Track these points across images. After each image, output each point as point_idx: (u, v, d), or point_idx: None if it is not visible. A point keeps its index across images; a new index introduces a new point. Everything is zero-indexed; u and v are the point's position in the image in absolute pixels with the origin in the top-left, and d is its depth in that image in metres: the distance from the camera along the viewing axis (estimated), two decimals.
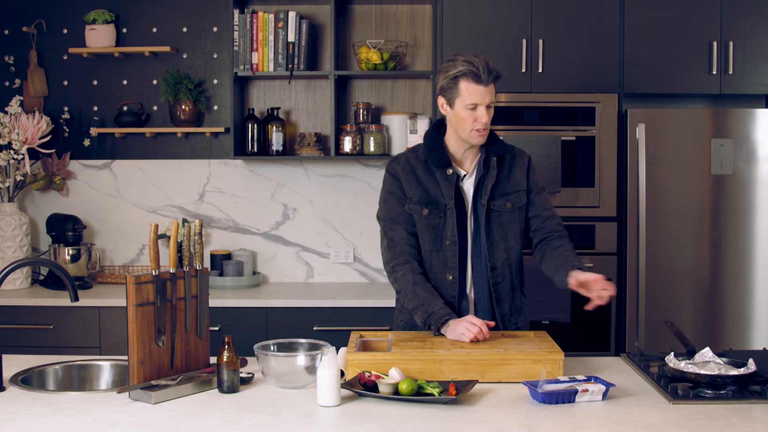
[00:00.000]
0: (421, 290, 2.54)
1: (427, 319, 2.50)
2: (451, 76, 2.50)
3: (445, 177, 2.58)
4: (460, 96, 2.49)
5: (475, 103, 2.48)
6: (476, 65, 2.46)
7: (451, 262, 2.59)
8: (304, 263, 4.23)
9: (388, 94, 4.21)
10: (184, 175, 4.22)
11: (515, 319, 2.66)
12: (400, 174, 2.63)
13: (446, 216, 2.58)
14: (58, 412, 2.05)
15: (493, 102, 2.51)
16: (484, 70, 2.46)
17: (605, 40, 3.72)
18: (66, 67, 4.20)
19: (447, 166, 2.58)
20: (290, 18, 3.96)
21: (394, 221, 2.63)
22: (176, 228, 2.28)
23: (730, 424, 1.93)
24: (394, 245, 2.62)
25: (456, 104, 2.51)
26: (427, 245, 2.61)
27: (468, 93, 2.48)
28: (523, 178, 2.64)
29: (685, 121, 3.68)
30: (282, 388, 2.25)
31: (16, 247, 3.96)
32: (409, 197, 2.61)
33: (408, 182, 2.61)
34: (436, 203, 2.59)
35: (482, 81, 2.46)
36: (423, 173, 2.61)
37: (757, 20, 3.73)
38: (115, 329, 3.65)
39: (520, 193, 2.63)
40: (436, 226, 2.59)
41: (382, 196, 2.69)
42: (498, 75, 2.49)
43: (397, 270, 2.60)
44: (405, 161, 2.65)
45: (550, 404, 2.08)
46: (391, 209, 2.64)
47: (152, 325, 2.22)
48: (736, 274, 3.67)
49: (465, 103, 2.49)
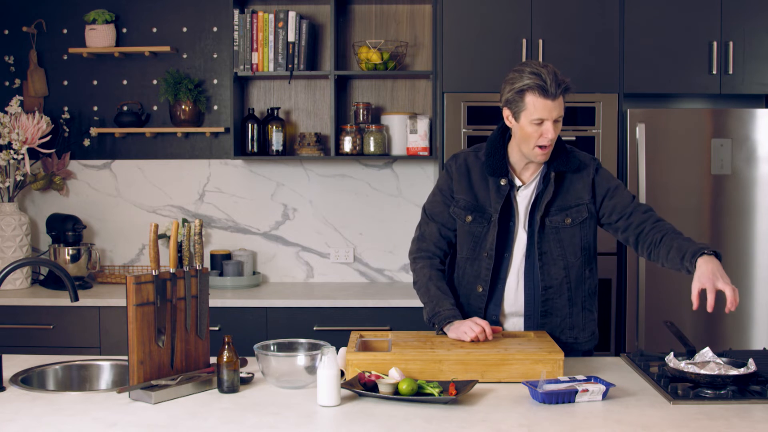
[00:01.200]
0: (434, 287, 2.52)
1: (432, 317, 2.50)
2: (517, 89, 2.37)
3: (497, 187, 2.49)
4: (526, 110, 2.36)
5: (541, 119, 2.35)
6: (544, 78, 2.32)
7: (484, 275, 2.54)
8: (304, 263, 4.23)
9: (388, 94, 4.21)
10: (184, 175, 4.22)
11: (574, 333, 2.55)
12: (453, 173, 2.57)
13: (489, 227, 2.51)
14: (58, 412, 2.05)
15: (561, 116, 2.38)
16: (552, 83, 2.32)
17: (605, 40, 3.72)
18: (66, 67, 4.20)
19: (502, 176, 2.48)
20: (290, 18, 3.96)
21: (432, 218, 2.61)
22: (176, 228, 2.28)
23: (730, 424, 1.93)
24: (423, 240, 2.62)
25: (521, 118, 2.38)
26: (464, 252, 2.57)
27: (534, 108, 2.35)
28: (586, 189, 2.51)
29: (685, 121, 3.68)
30: (282, 388, 2.25)
31: (16, 247, 3.96)
32: (456, 200, 2.56)
33: (459, 184, 2.55)
34: (482, 212, 2.52)
35: (550, 95, 2.33)
36: (478, 177, 2.53)
37: (757, 20, 3.73)
38: (115, 329, 3.65)
39: (580, 207, 2.50)
40: (478, 235, 2.53)
41: (433, 189, 2.65)
42: (567, 87, 2.36)
43: (417, 262, 2.60)
44: (463, 161, 2.57)
45: (550, 404, 2.08)
46: (435, 205, 2.61)
47: (152, 325, 2.22)
48: (736, 275, 3.67)
49: (531, 118, 2.36)
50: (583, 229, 2.53)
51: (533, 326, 2.57)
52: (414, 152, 3.98)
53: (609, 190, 2.52)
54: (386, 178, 4.20)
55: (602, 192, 2.52)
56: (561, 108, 2.38)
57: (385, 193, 4.19)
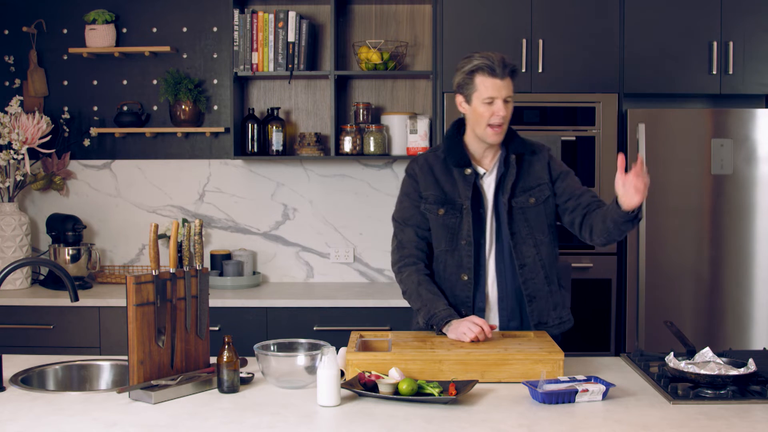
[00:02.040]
0: (425, 291, 2.54)
1: (429, 319, 2.50)
2: (467, 71, 2.51)
3: (463, 177, 2.58)
4: (477, 91, 2.50)
5: (491, 97, 2.48)
6: (491, 59, 2.48)
7: (467, 262, 2.58)
8: (304, 263, 4.23)
9: (388, 94, 4.21)
10: (184, 175, 4.22)
11: (558, 313, 2.63)
12: (417, 174, 2.64)
13: (462, 216, 2.58)
14: (58, 412, 2.05)
15: (510, 97, 2.51)
16: (500, 63, 2.48)
17: (605, 40, 3.72)
18: (66, 67, 4.20)
19: (466, 165, 2.58)
20: (290, 18, 3.96)
21: (405, 223, 2.64)
22: (176, 228, 2.28)
23: (730, 424, 1.93)
24: (403, 247, 2.64)
25: (473, 100, 2.52)
26: (442, 245, 2.61)
27: (484, 87, 2.49)
28: (544, 170, 2.63)
29: (685, 121, 3.68)
30: (282, 388, 2.25)
31: (16, 247, 3.96)
32: (425, 197, 2.62)
33: (425, 182, 2.62)
34: (452, 203, 2.59)
35: (498, 74, 2.47)
36: (441, 173, 2.61)
37: (757, 20, 3.73)
38: (115, 329, 3.65)
39: (542, 187, 2.61)
40: (452, 226, 2.59)
41: (398, 197, 2.70)
42: (514, 69, 2.51)
43: (403, 271, 2.62)
44: (424, 161, 2.65)
45: (550, 404, 2.08)
46: (405, 211, 2.65)
47: (152, 325, 2.22)
48: (736, 274, 3.67)
49: (482, 98, 2.49)
50: (547, 208, 2.63)
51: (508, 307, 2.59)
52: (414, 152, 3.98)
53: (561, 173, 2.65)
54: (386, 178, 4.20)
55: (555, 174, 2.64)
56: (510, 89, 2.51)
57: (385, 193, 4.19)
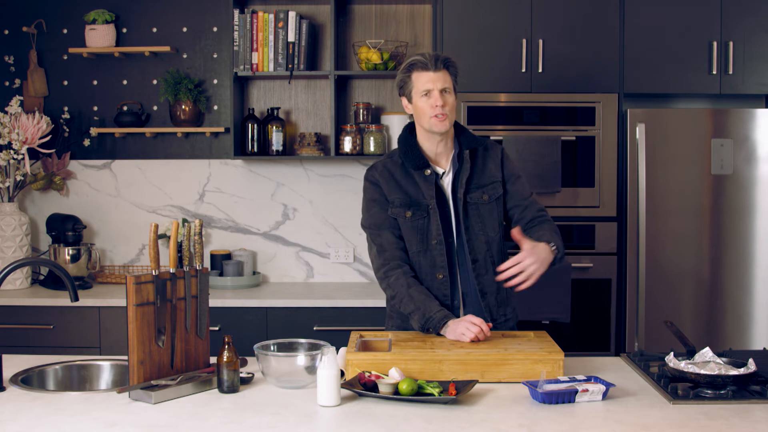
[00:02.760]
0: (416, 293, 2.54)
1: (425, 323, 2.50)
2: (404, 69, 2.60)
3: (423, 178, 2.61)
4: (414, 87, 2.57)
5: (427, 89, 2.54)
6: (424, 55, 2.56)
7: (440, 261, 2.59)
8: (304, 263, 4.23)
9: (388, 94, 4.21)
10: (184, 175, 4.22)
11: (503, 311, 2.66)
12: (379, 180, 2.65)
13: (430, 216, 2.60)
14: (58, 412, 2.05)
15: (448, 88, 2.56)
16: (432, 58, 2.55)
17: (605, 40, 3.72)
18: (66, 67, 4.20)
19: (425, 166, 2.61)
20: (290, 18, 3.96)
21: (380, 227, 2.64)
22: (176, 228, 2.28)
23: (730, 424, 1.93)
24: (384, 251, 2.62)
25: (413, 97, 2.58)
26: (414, 247, 2.62)
27: (420, 81, 2.55)
28: (497, 169, 2.66)
29: (685, 121, 3.68)
30: (282, 388, 2.25)
31: (16, 247, 3.96)
32: (391, 201, 2.63)
33: (388, 187, 2.63)
34: (418, 204, 2.60)
35: (430, 67, 2.53)
36: (402, 177, 2.63)
37: (757, 20, 3.73)
38: (115, 329, 3.65)
39: (495, 185, 2.64)
40: (421, 227, 2.61)
41: (364, 205, 2.69)
42: (448, 61, 2.56)
43: (389, 275, 2.60)
44: (383, 167, 2.67)
45: (550, 404, 2.08)
46: (376, 216, 2.65)
47: (152, 325, 2.22)
48: (736, 274, 3.67)
49: (419, 92, 2.55)
50: (499, 205, 2.66)
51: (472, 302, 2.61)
52: None
53: (512, 176, 2.69)
54: None
55: (507, 175, 2.69)
56: (446, 80, 2.55)
57: None
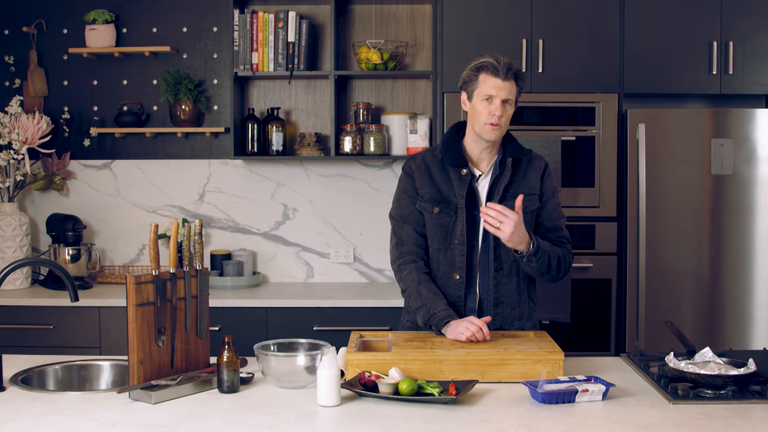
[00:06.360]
0: (425, 290, 2.55)
1: (428, 319, 2.50)
2: (473, 67, 2.57)
3: (459, 177, 2.60)
4: (479, 87, 2.54)
5: (490, 95, 2.52)
6: (498, 60, 2.53)
7: (459, 262, 2.59)
8: (304, 263, 4.23)
9: (388, 94, 4.21)
10: (184, 175, 4.22)
11: (521, 324, 2.64)
12: (414, 172, 2.66)
13: (457, 215, 2.59)
14: (58, 412, 2.05)
15: (510, 100, 2.54)
16: (504, 65, 2.52)
17: (605, 40, 3.72)
18: (66, 67, 4.20)
19: (462, 166, 2.60)
20: (290, 18, 3.96)
21: (404, 220, 2.65)
22: (176, 228, 2.28)
23: (730, 424, 1.93)
24: (402, 244, 2.64)
25: (474, 97, 2.56)
26: (435, 243, 2.62)
27: (486, 85, 2.53)
28: (538, 182, 2.64)
29: (685, 121, 3.68)
30: (282, 388, 2.25)
31: (16, 247, 3.96)
32: (421, 195, 2.63)
33: (421, 180, 2.64)
34: (447, 202, 2.60)
35: (500, 75, 2.51)
36: (438, 172, 2.63)
37: (757, 20, 3.73)
38: (115, 329, 3.65)
39: (533, 197, 2.62)
40: (446, 225, 2.60)
41: (396, 195, 2.71)
42: (518, 74, 2.54)
43: (402, 269, 2.62)
44: (421, 159, 2.67)
45: (550, 404, 2.08)
46: (403, 208, 2.66)
47: (152, 325, 2.22)
48: (736, 274, 3.67)
49: (482, 95, 2.53)
50: (533, 218, 2.64)
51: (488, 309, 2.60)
52: (414, 152, 3.97)
53: (550, 196, 2.68)
54: (386, 178, 4.20)
55: (545, 190, 2.67)
56: (511, 92, 2.54)
57: (385, 193, 4.19)
